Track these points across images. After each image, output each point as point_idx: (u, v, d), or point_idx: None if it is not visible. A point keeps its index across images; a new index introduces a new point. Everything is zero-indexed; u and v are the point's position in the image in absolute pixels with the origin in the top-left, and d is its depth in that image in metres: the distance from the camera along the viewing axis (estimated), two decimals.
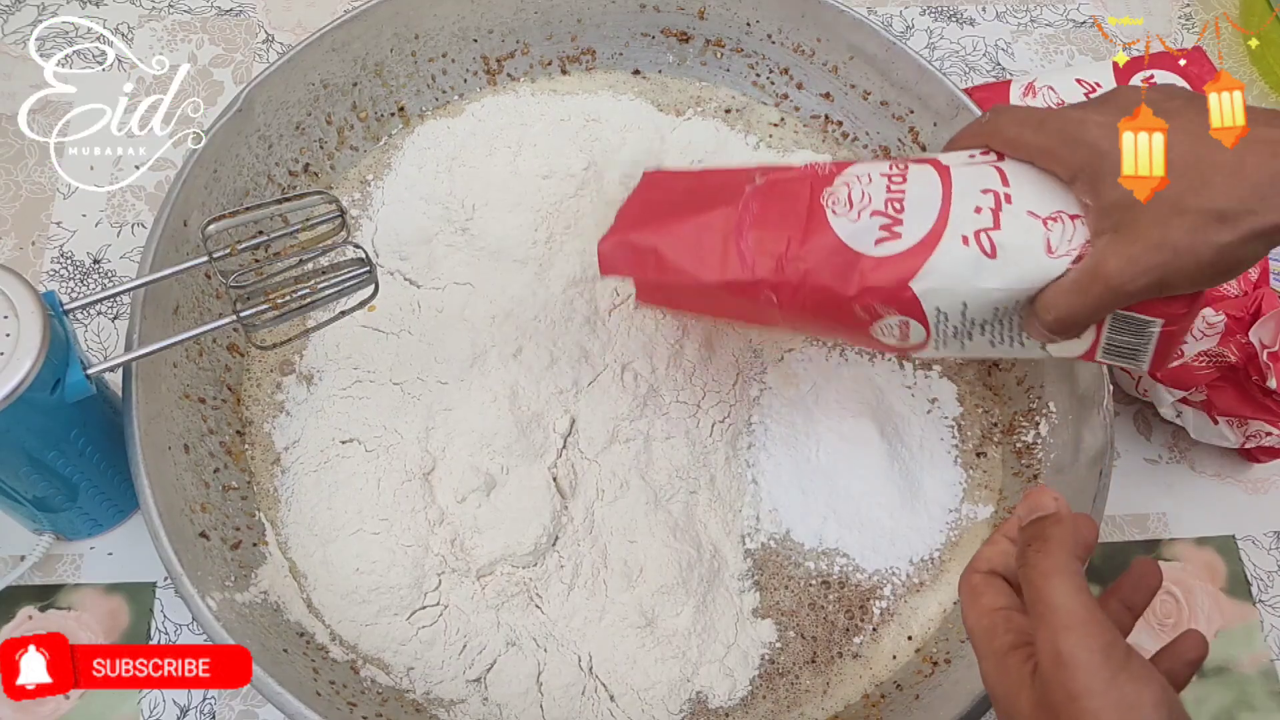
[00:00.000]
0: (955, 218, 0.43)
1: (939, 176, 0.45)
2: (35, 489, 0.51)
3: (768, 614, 0.56)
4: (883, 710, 0.53)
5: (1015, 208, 0.43)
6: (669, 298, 0.53)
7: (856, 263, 0.44)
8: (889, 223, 0.44)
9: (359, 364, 0.58)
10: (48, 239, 0.66)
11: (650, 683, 0.52)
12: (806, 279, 0.45)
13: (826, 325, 0.48)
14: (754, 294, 0.47)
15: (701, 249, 0.47)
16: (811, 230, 0.45)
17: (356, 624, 0.52)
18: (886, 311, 0.45)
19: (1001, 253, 0.42)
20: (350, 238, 0.50)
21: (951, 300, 0.43)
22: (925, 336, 0.45)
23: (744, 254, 0.46)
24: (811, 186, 0.47)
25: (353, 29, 0.63)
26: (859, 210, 0.45)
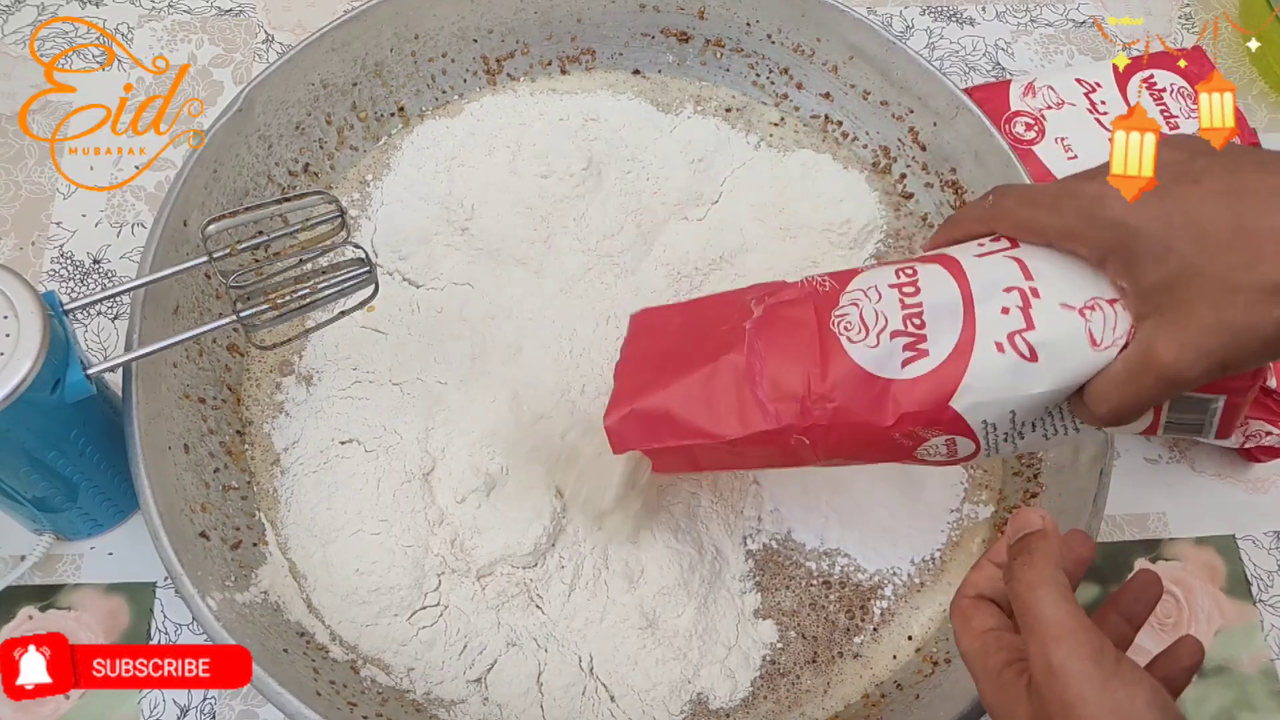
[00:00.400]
0: (983, 323, 0.40)
1: (953, 279, 0.42)
2: (35, 489, 0.51)
3: (769, 614, 0.56)
4: (883, 710, 0.53)
5: (1045, 302, 0.40)
6: (691, 460, 0.47)
7: (888, 390, 0.41)
8: (912, 340, 0.41)
9: (358, 364, 0.58)
10: (47, 239, 0.66)
11: (651, 684, 0.52)
12: (838, 418, 0.42)
13: (868, 457, 0.45)
14: (783, 441, 0.43)
15: (715, 404, 0.44)
16: (830, 363, 0.42)
17: (356, 624, 0.52)
18: (930, 434, 0.42)
19: (1042, 354, 0.39)
20: (350, 238, 0.50)
21: (999, 411, 0.41)
22: (975, 449, 0.43)
23: (763, 402, 0.43)
24: (816, 310, 0.44)
25: (352, 29, 0.63)
26: (875, 333, 0.42)
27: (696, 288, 0.62)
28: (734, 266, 0.63)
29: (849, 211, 0.65)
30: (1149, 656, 0.59)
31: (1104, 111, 0.72)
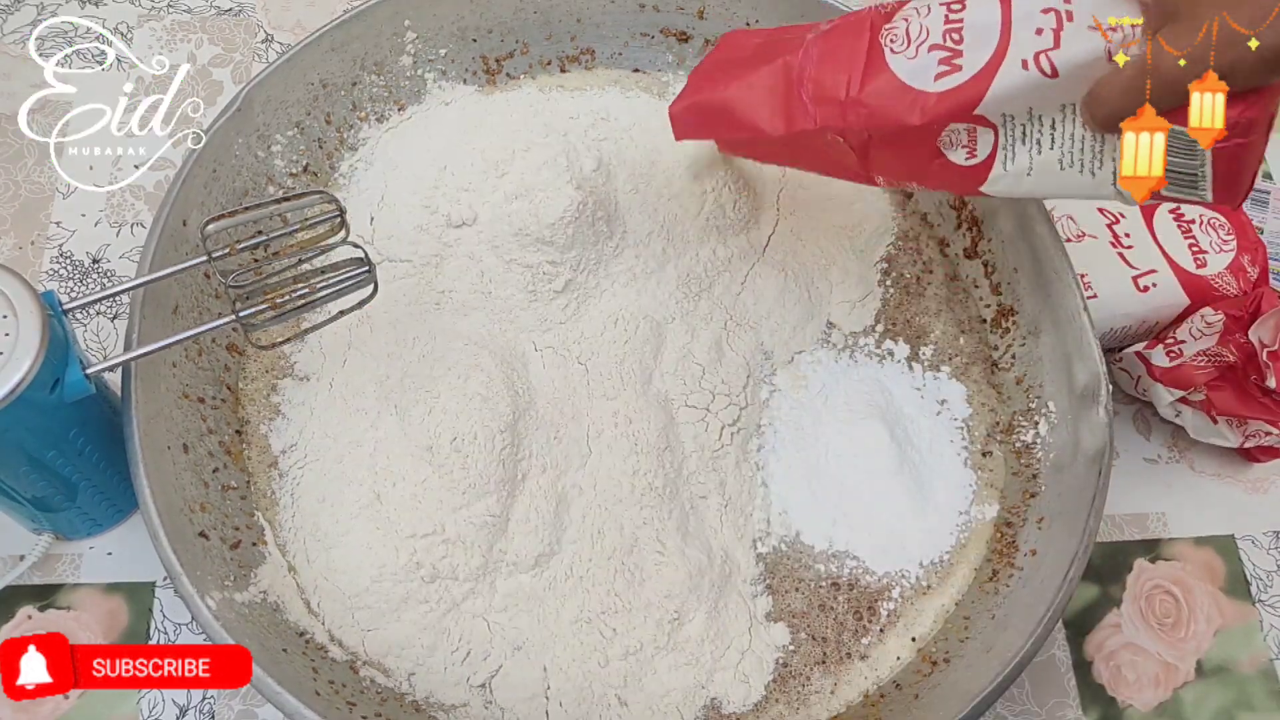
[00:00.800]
0: (1015, 43, 0.43)
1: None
2: (34, 489, 0.51)
3: (780, 617, 0.55)
4: (882, 709, 0.53)
5: (1076, 24, 0.42)
6: (747, 149, 0.55)
7: (918, 101, 0.45)
8: (948, 55, 0.44)
9: (355, 365, 0.58)
10: (47, 239, 0.66)
11: (664, 690, 0.52)
12: (870, 122, 0.46)
13: (899, 149, 0.47)
14: (820, 139, 0.47)
15: (768, 100, 0.48)
16: (870, 72, 0.46)
17: (357, 629, 0.52)
18: (954, 124, 0.45)
19: (1063, 71, 0.42)
20: (349, 237, 0.50)
21: (1016, 107, 0.44)
22: (993, 142, 0.45)
23: (805, 103, 0.47)
24: (872, 24, 0.47)
25: (352, 29, 0.63)
26: (916, 46, 0.45)
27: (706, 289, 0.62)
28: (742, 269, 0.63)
29: (860, 214, 0.65)
30: (1148, 657, 0.60)
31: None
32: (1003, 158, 0.45)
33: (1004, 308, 0.63)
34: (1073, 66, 0.41)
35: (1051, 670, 0.59)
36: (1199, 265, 0.65)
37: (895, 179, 0.49)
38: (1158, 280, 0.65)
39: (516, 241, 0.60)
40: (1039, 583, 0.53)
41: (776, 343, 0.62)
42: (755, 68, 0.50)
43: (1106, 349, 0.64)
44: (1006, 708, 0.58)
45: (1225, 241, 0.66)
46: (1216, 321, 0.60)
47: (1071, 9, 0.42)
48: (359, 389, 0.57)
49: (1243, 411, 0.60)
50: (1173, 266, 0.65)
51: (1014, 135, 0.44)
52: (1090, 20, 0.41)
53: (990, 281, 0.64)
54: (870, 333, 0.63)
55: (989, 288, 0.64)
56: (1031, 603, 0.52)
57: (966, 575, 0.57)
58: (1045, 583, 0.52)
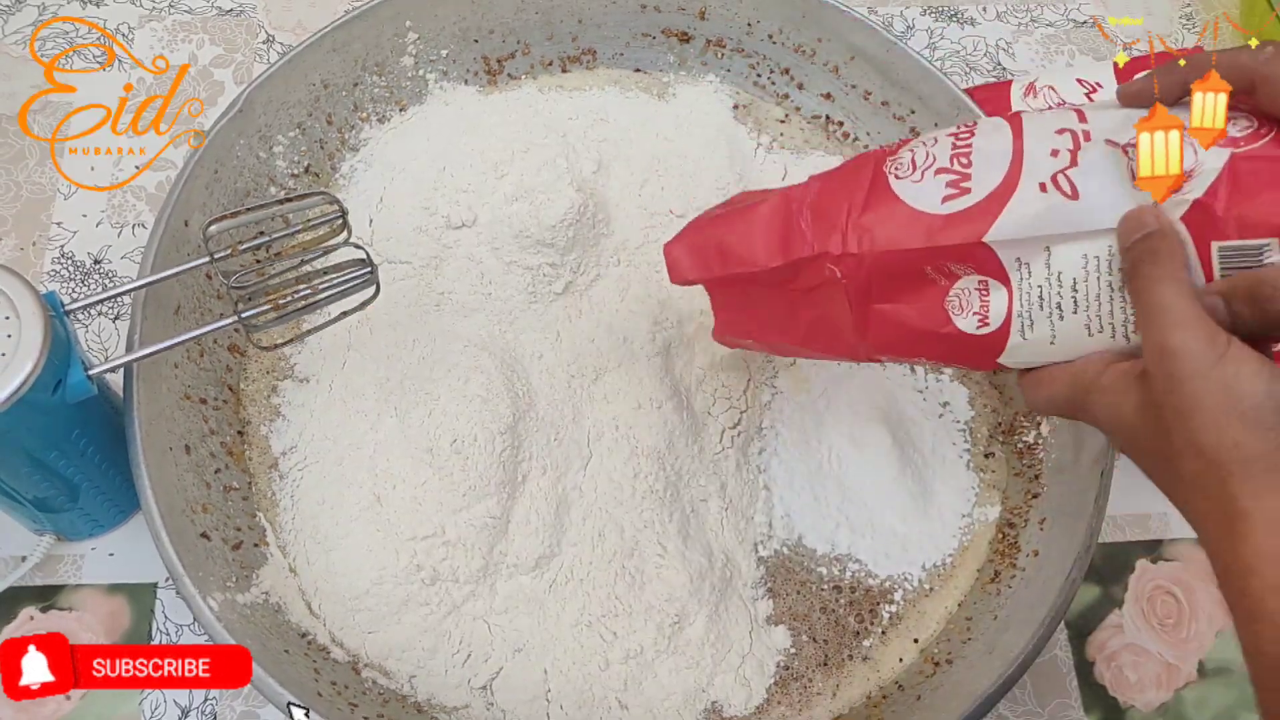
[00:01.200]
0: (1030, 164, 0.39)
1: (1009, 127, 0.41)
2: (36, 489, 0.51)
3: (780, 619, 0.55)
4: (884, 710, 0.53)
5: (1094, 141, 0.38)
6: (744, 319, 0.49)
7: (922, 221, 0.40)
8: (956, 179, 0.40)
9: (355, 367, 0.58)
10: (48, 239, 0.66)
11: (665, 693, 0.52)
12: (871, 245, 0.42)
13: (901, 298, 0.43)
14: (818, 274, 0.43)
15: (763, 234, 0.45)
16: (873, 198, 0.42)
17: (358, 631, 0.52)
18: (962, 271, 0.40)
19: (1083, 189, 0.37)
20: (351, 238, 0.50)
21: (1033, 249, 0.38)
22: (1007, 304, 0.40)
23: (804, 230, 0.44)
24: (875, 161, 0.44)
25: (353, 29, 0.63)
26: (922, 171, 0.41)
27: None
28: None
29: None
30: (1150, 658, 0.60)
31: None
32: (1019, 326, 0.40)
33: None
34: (1093, 186, 0.37)
35: (1053, 671, 0.59)
36: None
37: (901, 355, 0.44)
38: None
39: (517, 243, 0.60)
40: (1041, 583, 0.53)
41: None
42: (756, 206, 0.46)
43: None
44: (1008, 708, 0.58)
45: None
46: None
47: (1089, 129, 0.39)
48: (358, 391, 0.57)
49: None
50: None
51: (1030, 295, 0.39)
52: (1106, 137, 0.38)
53: None
54: None
55: None
56: (1033, 603, 0.52)
57: (969, 578, 0.57)
58: (1047, 583, 0.52)
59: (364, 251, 0.49)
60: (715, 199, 0.63)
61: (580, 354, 0.58)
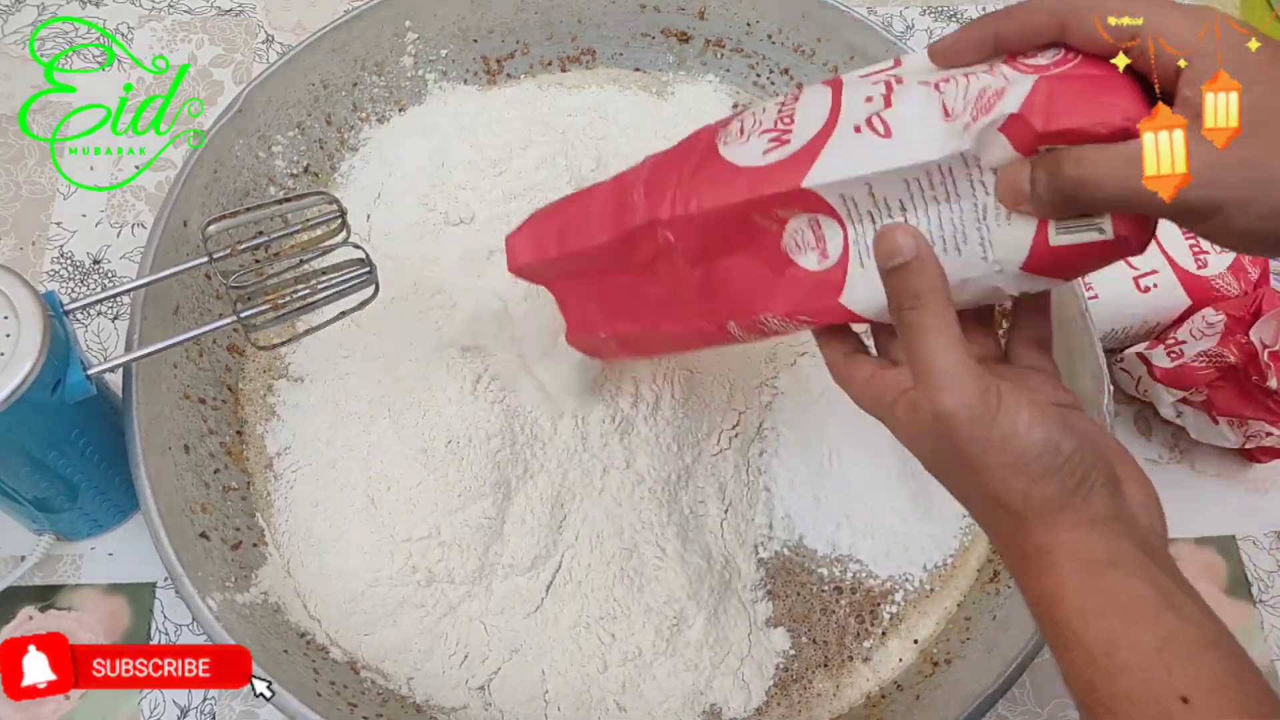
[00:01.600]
0: (846, 112, 0.38)
1: (830, 87, 0.40)
2: (36, 489, 0.51)
3: (780, 621, 0.55)
4: (883, 710, 0.53)
5: (906, 83, 0.38)
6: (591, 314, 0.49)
7: (744, 175, 0.40)
8: (777, 135, 0.40)
9: (349, 367, 0.58)
10: (48, 239, 0.66)
11: (664, 695, 0.52)
12: (699, 204, 0.41)
13: (734, 250, 0.42)
14: (653, 242, 0.43)
15: (597, 213, 0.46)
16: (702, 165, 0.42)
17: (355, 634, 0.52)
18: (789, 214, 0.40)
19: (895, 128, 0.37)
20: (350, 238, 0.50)
21: (854, 185, 0.38)
22: (842, 234, 0.39)
23: (635, 203, 0.44)
24: (708, 134, 0.44)
25: (353, 29, 0.63)
26: (749, 134, 0.41)
27: None
28: None
29: None
30: None
31: None
32: (856, 253, 0.39)
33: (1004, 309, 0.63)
34: (905, 124, 0.37)
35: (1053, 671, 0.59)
36: (1200, 266, 0.65)
37: (748, 313, 0.42)
38: (1159, 281, 0.65)
39: None
40: None
41: (778, 344, 0.61)
42: (591, 190, 0.47)
43: (1107, 349, 0.64)
44: (1008, 708, 0.58)
45: None
46: (1217, 322, 0.60)
47: (901, 74, 0.38)
48: (352, 391, 0.57)
49: (1244, 412, 0.60)
50: (1174, 267, 0.65)
51: (862, 225, 0.38)
52: (919, 78, 0.37)
53: None
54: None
55: None
56: None
57: (969, 577, 0.57)
58: None
59: (363, 251, 0.49)
60: None
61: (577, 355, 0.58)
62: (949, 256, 0.36)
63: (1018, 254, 0.35)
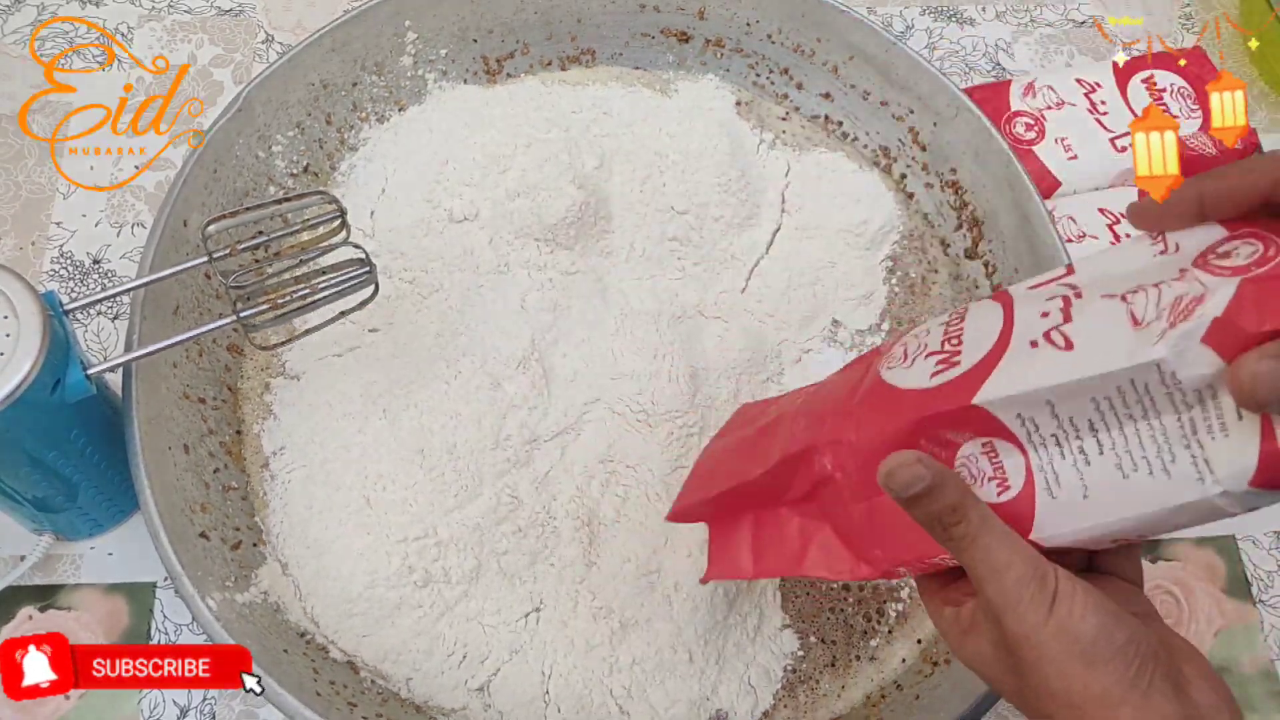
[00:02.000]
0: (1020, 328, 0.36)
1: (1000, 304, 0.38)
2: (35, 489, 0.51)
3: (789, 623, 0.55)
4: (882, 710, 0.53)
5: (1086, 298, 0.35)
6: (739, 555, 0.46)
7: (910, 399, 0.38)
8: (945, 357, 0.38)
9: (346, 364, 0.57)
10: (47, 239, 0.66)
11: (669, 701, 0.51)
12: (861, 430, 0.39)
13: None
14: (809, 469, 0.41)
15: (758, 449, 0.44)
16: (864, 391, 0.40)
17: (353, 635, 0.51)
18: (961, 438, 0.36)
19: (1078, 340, 0.33)
20: (350, 238, 0.50)
21: (1032, 402, 0.34)
22: (1023, 462, 0.35)
23: (794, 433, 0.42)
24: (867, 363, 0.42)
25: (353, 29, 0.63)
26: (913, 358, 0.39)
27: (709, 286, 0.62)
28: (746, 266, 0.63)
29: (865, 212, 0.64)
30: None
31: (1104, 112, 0.72)
32: (1043, 482, 0.35)
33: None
34: (1089, 335, 0.33)
35: None
36: None
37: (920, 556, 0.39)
38: None
39: (518, 239, 0.60)
40: None
41: (782, 340, 0.61)
42: (751, 434, 0.45)
43: None
44: (1008, 708, 0.58)
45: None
46: None
47: (1080, 289, 0.35)
48: (348, 390, 0.57)
49: None
50: None
51: (1046, 450, 0.34)
52: (1102, 292, 0.34)
53: (991, 283, 0.64)
54: (877, 331, 0.63)
55: (990, 289, 0.64)
56: None
57: None
58: None
59: (362, 251, 0.49)
60: (717, 195, 0.63)
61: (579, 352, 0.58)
62: (1156, 479, 0.32)
63: (1244, 469, 0.30)
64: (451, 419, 0.55)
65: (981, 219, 0.64)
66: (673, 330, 0.59)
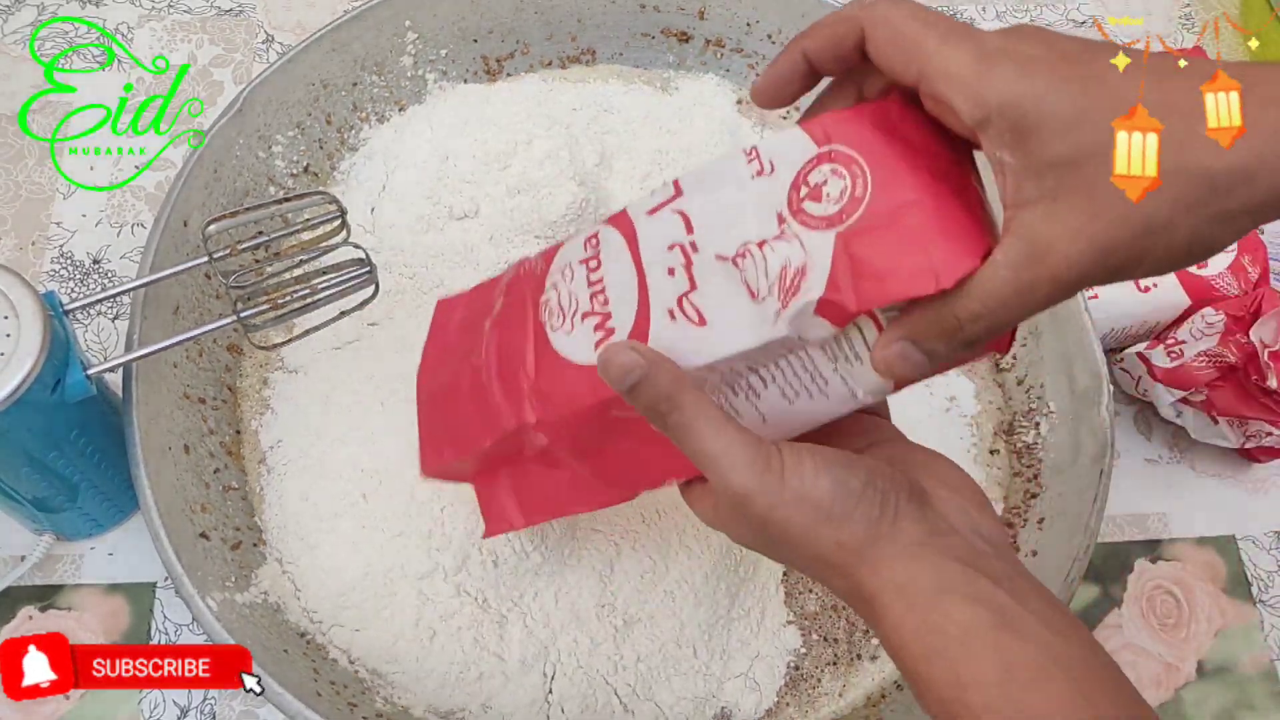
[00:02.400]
0: (655, 291, 0.37)
1: (626, 245, 0.39)
2: (35, 489, 0.51)
3: (792, 620, 0.55)
4: (883, 709, 0.53)
5: (703, 256, 0.36)
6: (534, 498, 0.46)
7: (585, 374, 0.39)
8: (600, 319, 0.39)
9: (346, 359, 0.57)
10: (48, 239, 0.66)
11: (674, 699, 0.51)
12: (561, 410, 0.40)
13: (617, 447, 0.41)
14: (531, 442, 0.42)
15: (473, 413, 0.44)
16: (540, 358, 0.41)
17: (348, 629, 0.51)
18: None
19: (709, 315, 0.35)
20: (350, 238, 0.50)
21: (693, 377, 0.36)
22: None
23: (498, 403, 0.43)
24: (532, 299, 0.43)
25: (353, 29, 0.63)
26: (569, 318, 0.40)
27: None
28: None
29: None
30: (1149, 657, 0.60)
31: None
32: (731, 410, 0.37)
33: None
34: (717, 310, 0.35)
35: None
36: (1200, 266, 0.65)
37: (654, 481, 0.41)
38: (1159, 280, 0.65)
39: (519, 237, 0.60)
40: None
41: None
42: (456, 378, 0.46)
43: (1107, 349, 0.64)
44: None
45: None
46: (1217, 322, 0.60)
47: (695, 239, 0.36)
48: (347, 384, 0.57)
49: (1244, 412, 0.60)
50: None
51: (719, 394, 0.37)
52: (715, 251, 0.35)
53: None
54: None
55: None
56: None
57: None
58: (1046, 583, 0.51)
59: (363, 251, 0.49)
60: None
61: None
62: (816, 401, 0.36)
63: (882, 385, 0.34)
64: None
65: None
66: None
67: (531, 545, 0.53)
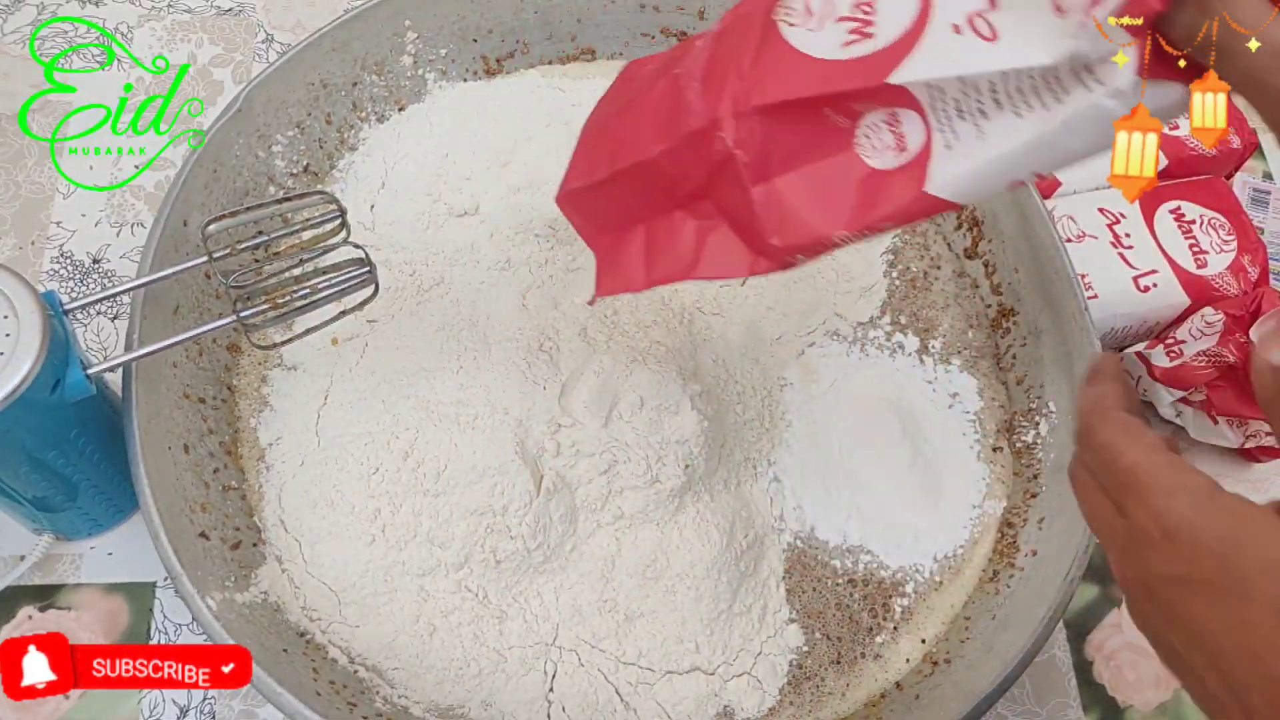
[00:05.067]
0: (939, 6, 0.35)
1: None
2: (35, 489, 0.51)
3: (795, 618, 0.55)
4: (883, 710, 0.53)
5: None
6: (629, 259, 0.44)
7: (819, 69, 0.36)
8: (858, 26, 0.36)
9: (345, 355, 0.57)
10: (47, 239, 0.66)
11: (676, 698, 0.51)
12: (764, 99, 0.37)
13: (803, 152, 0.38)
14: (710, 148, 0.39)
15: (651, 122, 0.41)
16: (764, 51, 0.37)
17: (347, 627, 0.51)
18: (867, 108, 0.36)
19: (1003, 32, 0.33)
20: (350, 238, 0.50)
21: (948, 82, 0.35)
22: (925, 130, 0.36)
23: (692, 102, 0.39)
24: (765, 10, 0.39)
25: (353, 29, 0.63)
26: (820, 18, 0.37)
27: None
28: None
29: None
30: (1149, 657, 0.60)
31: None
32: (940, 140, 0.35)
33: (1004, 308, 0.63)
34: (1014, 23, 0.33)
35: (1052, 670, 0.59)
36: (1199, 265, 0.65)
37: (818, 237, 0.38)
38: (1158, 280, 0.65)
39: (519, 235, 0.60)
40: (1040, 583, 0.53)
41: (782, 333, 0.61)
42: (642, 95, 0.41)
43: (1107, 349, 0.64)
44: (1007, 708, 0.58)
45: (1226, 242, 0.66)
46: (1217, 321, 0.60)
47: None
48: (346, 381, 0.57)
49: (1243, 411, 0.60)
50: (1173, 267, 0.65)
51: (948, 111, 0.35)
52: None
53: (991, 282, 0.64)
54: (878, 324, 0.63)
55: (989, 288, 0.64)
56: (1032, 603, 0.52)
57: (977, 572, 0.57)
58: (1046, 583, 0.52)
59: (362, 251, 0.49)
60: None
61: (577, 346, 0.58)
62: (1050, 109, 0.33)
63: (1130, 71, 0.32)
64: (450, 412, 0.54)
65: (981, 219, 0.64)
66: (671, 325, 0.59)
67: (534, 542, 0.53)
